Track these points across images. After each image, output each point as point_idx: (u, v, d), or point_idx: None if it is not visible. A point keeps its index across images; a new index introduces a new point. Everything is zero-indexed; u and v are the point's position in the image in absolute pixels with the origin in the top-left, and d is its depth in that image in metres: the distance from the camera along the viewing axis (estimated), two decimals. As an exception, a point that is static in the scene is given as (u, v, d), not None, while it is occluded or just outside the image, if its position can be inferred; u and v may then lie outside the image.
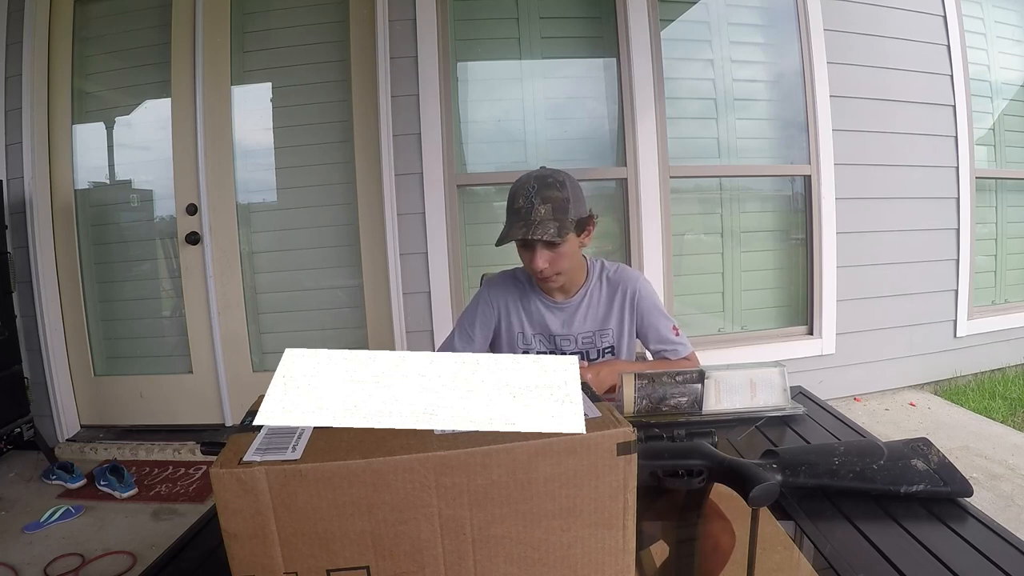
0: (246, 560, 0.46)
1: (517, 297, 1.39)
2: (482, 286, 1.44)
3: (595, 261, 1.40)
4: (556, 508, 0.48)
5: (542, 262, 1.23)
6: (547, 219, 1.19)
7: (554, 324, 1.36)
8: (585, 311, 1.36)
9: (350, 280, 2.70)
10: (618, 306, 1.36)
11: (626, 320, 1.36)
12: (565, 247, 1.24)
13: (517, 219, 1.21)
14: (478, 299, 1.42)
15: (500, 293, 1.40)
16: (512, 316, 1.39)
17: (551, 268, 1.25)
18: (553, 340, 1.37)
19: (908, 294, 2.98)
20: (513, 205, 1.23)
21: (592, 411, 0.51)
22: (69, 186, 2.68)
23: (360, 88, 2.59)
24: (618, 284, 1.36)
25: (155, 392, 2.73)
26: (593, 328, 1.36)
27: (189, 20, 2.57)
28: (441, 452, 0.46)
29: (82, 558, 1.82)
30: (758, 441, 0.97)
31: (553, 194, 1.21)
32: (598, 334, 1.36)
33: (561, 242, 1.22)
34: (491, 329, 1.40)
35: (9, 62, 2.54)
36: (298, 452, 0.46)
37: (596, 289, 1.37)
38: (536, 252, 1.23)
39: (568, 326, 1.36)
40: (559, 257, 1.25)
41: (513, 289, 1.40)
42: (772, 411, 1.04)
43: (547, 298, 1.37)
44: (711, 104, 2.82)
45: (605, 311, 1.36)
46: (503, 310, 1.39)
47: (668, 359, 1.36)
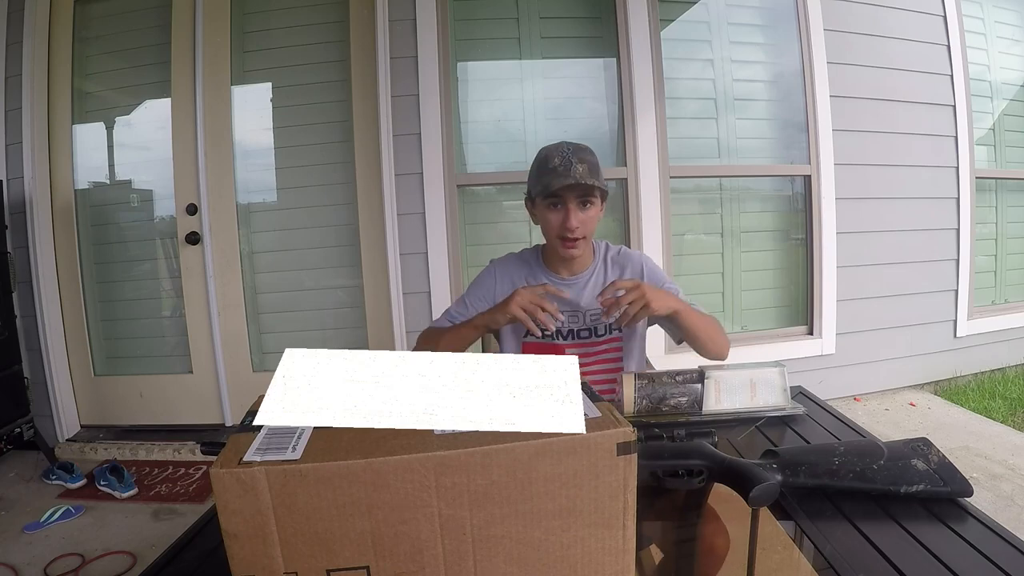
0: (246, 560, 0.46)
1: (524, 275, 1.39)
2: (489, 264, 1.44)
3: (599, 243, 1.42)
4: (556, 508, 0.48)
5: (576, 220, 1.24)
6: (586, 176, 1.20)
7: (561, 299, 1.34)
8: (593, 288, 1.36)
9: (350, 280, 2.70)
10: None
11: None
12: (594, 211, 1.27)
13: (555, 175, 1.21)
14: (483, 276, 1.42)
15: (507, 271, 1.40)
16: None
17: (582, 229, 1.26)
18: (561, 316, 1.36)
19: (908, 294, 2.98)
20: (548, 165, 1.24)
21: (592, 411, 0.51)
22: (69, 186, 2.68)
23: (360, 88, 2.59)
24: (625, 263, 1.38)
25: (155, 392, 2.74)
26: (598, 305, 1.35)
27: (189, 20, 2.57)
28: (441, 452, 0.46)
29: (82, 558, 1.82)
30: (758, 441, 0.97)
31: (588, 157, 1.24)
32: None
33: (597, 202, 1.26)
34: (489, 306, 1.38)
35: (9, 62, 2.54)
36: (298, 452, 0.46)
37: (602, 268, 1.38)
38: (571, 210, 1.24)
39: (576, 302, 1.36)
40: (589, 220, 1.27)
41: (521, 267, 1.41)
42: (772, 411, 1.04)
43: (555, 275, 1.37)
44: (711, 104, 2.82)
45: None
46: (509, 287, 1.37)
47: None
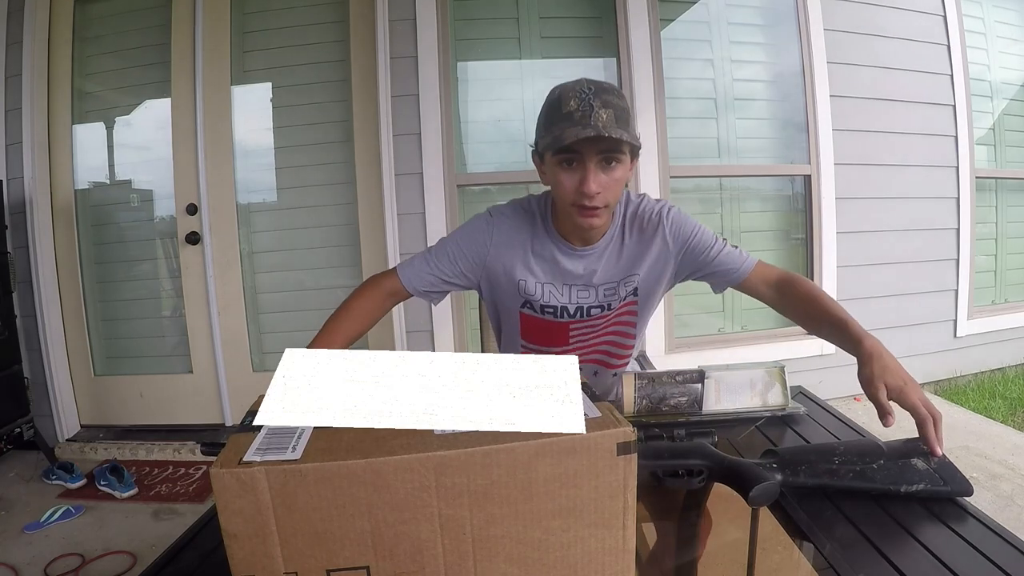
0: (246, 560, 0.46)
1: (527, 238, 1.12)
2: (485, 214, 1.14)
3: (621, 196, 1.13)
4: (556, 508, 0.48)
5: (596, 184, 0.96)
6: (611, 126, 0.93)
7: (570, 273, 1.13)
8: (608, 260, 1.12)
9: (350, 280, 2.70)
10: (650, 250, 1.12)
11: (664, 268, 1.14)
12: (621, 171, 0.99)
13: (570, 123, 0.94)
14: (476, 228, 1.13)
15: (507, 230, 1.12)
16: (517, 260, 1.12)
17: (605, 195, 0.99)
18: (568, 291, 1.14)
19: (908, 294, 2.98)
20: (562, 109, 0.96)
21: (592, 411, 0.51)
22: (69, 186, 2.68)
23: (360, 88, 2.59)
24: (647, 223, 1.11)
25: (155, 392, 2.74)
26: (616, 277, 1.14)
27: (189, 20, 2.57)
28: (441, 452, 0.46)
29: (82, 558, 1.82)
30: (758, 441, 0.97)
31: (614, 100, 0.96)
32: (622, 283, 1.14)
33: (625, 160, 0.99)
34: (478, 270, 1.14)
35: (9, 62, 2.54)
36: (298, 452, 0.46)
37: (621, 233, 1.12)
38: (590, 171, 0.96)
39: (588, 276, 1.13)
40: (614, 183, 0.99)
41: (524, 226, 1.13)
42: (772, 411, 1.04)
43: (565, 243, 1.11)
44: (711, 104, 2.82)
45: (631, 256, 1.13)
46: (506, 248, 1.12)
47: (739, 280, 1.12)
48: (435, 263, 1.11)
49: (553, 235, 1.12)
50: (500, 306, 1.20)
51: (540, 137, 1.02)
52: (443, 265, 1.11)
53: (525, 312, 1.16)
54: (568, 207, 1.02)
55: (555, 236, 1.12)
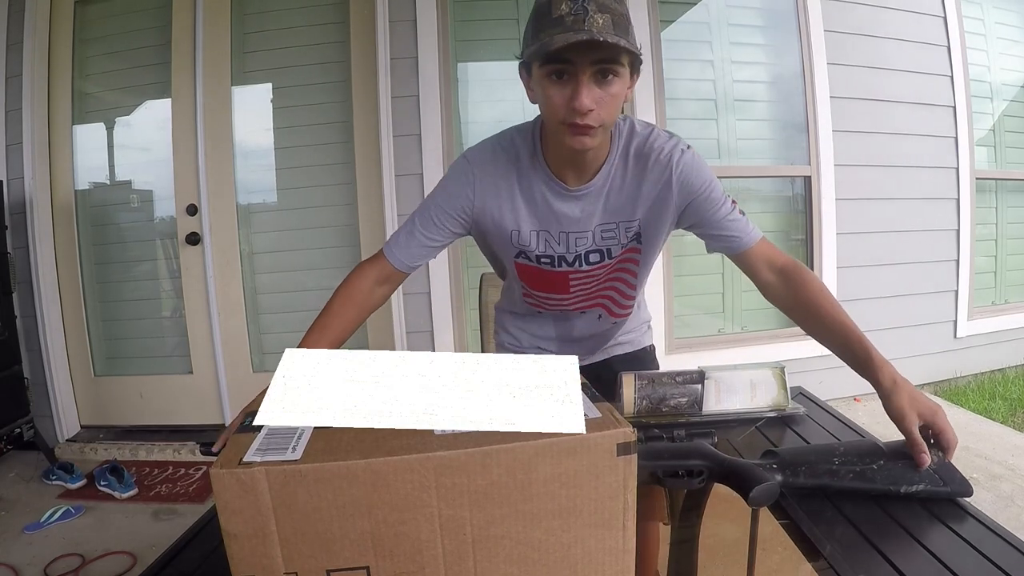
0: (246, 560, 0.46)
1: (514, 180, 1.01)
2: (463, 161, 1.03)
3: (621, 123, 1.01)
4: (556, 508, 0.48)
5: (589, 98, 0.84)
6: (608, 30, 0.81)
7: (565, 216, 1.02)
8: (606, 199, 1.01)
9: (350, 280, 2.69)
10: (653, 193, 1.00)
11: (664, 213, 1.02)
12: (619, 86, 0.86)
13: (559, 28, 0.81)
14: (456, 180, 1.03)
15: (490, 176, 1.01)
16: (505, 209, 1.02)
17: (598, 113, 0.86)
18: (564, 238, 1.03)
19: (908, 294, 2.98)
20: (552, 13, 0.82)
21: (592, 411, 0.51)
22: (69, 186, 2.68)
23: (360, 89, 2.59)
24: (652, 163, 0.99)
25: (155, 392, 2.74)
26: (617, 219, 1.02)
27: (189, 20, 2.57)
28: (441, 452, 0.46)
29: (82, 558, 1.82)
30: (758, 441, 0.97)
31: (612, 4, 0.83)
32: (622, 226, 1.03)
33: (624, 73, 0.86)
34: (467, 224, 1.05)
35: (9, 62, 2.54)
36: (298, 452, 0.46)
37: (621, 167, 1.00)
38: (582, 83, 0.83)
39: (584, 218, 1.02)
40: (610, 99, 0.86)
41: (509, 167, 1.01)
42: (772, 411, 1.04)
43: (557, 183, 0.99)
44: (711, 105, 2.82)
45: (632, 196, 1.01)
46: (492, 198, 1.01)
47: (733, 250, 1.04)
48: (421, 233, 1.03)
49: (543, 173, 1.00)
50: (495, 254, 1.13)
51: (527, 46, 0.88)
52: (431, 232, 1.03)
53: (520, 262, 1.08)
54: (557, 125, 0.89)
55: (546, 174, 1.00)
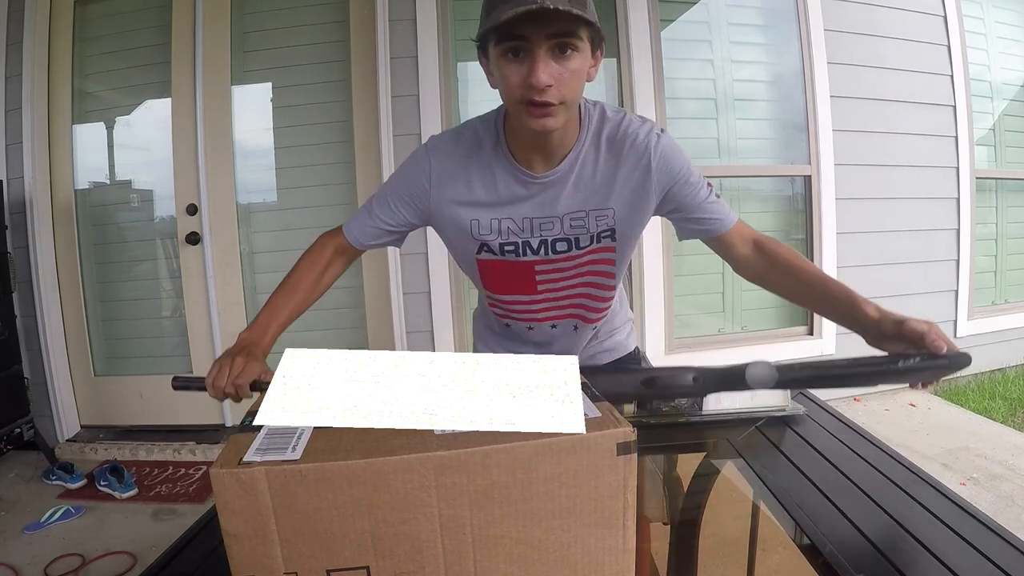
0: (246, 560, 0.46)
1: (474, 169, 0.96)
2: (421, 148, 1.00)
3: (592, 107, 0.96)
4: (556, 508, 0.48)
5: (546, 75, 0.79)
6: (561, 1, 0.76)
7: (529, 204, 0.97)
8: (575, 184, 0.95)
9: (350, 280, 2.69)
10: (626, 181, 0.95)
11: (642, 201, 0.97)
12: (578, 60, 0.82)
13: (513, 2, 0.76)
14: (413, 166, 0.99)
15: (449, 167, 0.97)
16: (462, 195, 0.97)
17: (557, 90, 0.81)
18: (528, 224, 0.97)
19: (908, 294, 2.98)
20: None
21: (592, 411, 0.51)
22: (69, 186, 2.68)
23: (360, 88, 2.59)
24: (628, 149, 0.94)
25: (155, 392, 2.73)
26: (586, 206, 0.96)
27: (189, 20, 2.57)
28: (441, 452, 0.46)
29: (82, 558, 1.82)
30: (758, 441, 0.97)
31: None
32: (592, 214, 0.97)
33: (583, 47, 0.82)
34: (423, 214, 1.00)
35: (9, 62, 2.54)
36: (298, 452, 0.46)
37: (592, 153, 0.95)
38: (538, 57, 0.79)
39: (551, 205, 0.96)
40: (570, 75, 0.81)
41: (472, 158, 0.97)
42: (772, 411, 1.04)
43: (523, 171, 0.95)
44: (711, 104, 2.82)
45: (605, 185, 0.96)
46: (448, 187, 0.97)
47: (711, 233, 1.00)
48: (377, 214, 1.00)
49: (507, 161, 0.95)
50: (456, 252, 1.06)
51: (481, 24, 0.83)
52: (385, 215, 1.00)
53: (483, 258, 1.02)
54: (516, 106, 0.85)
55: (510, 162, 0.95)
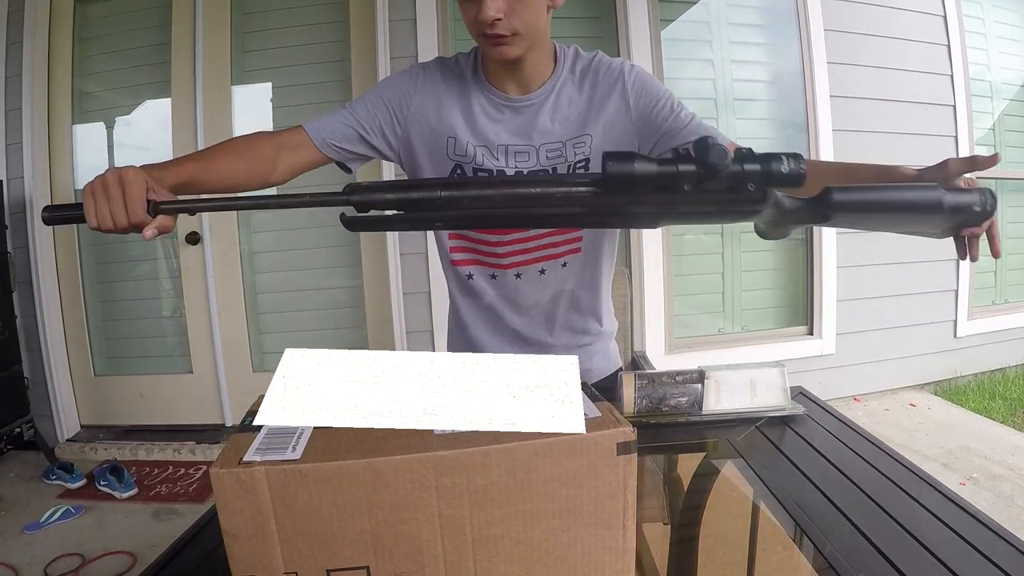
0: (246, 560, 0.46)
1: (456, 92, 0.96)
2: (410, 65, 1.00)
3: (566, 48, 0.98)
4: (556, 508, 0.48)
5: (493, 9, 0.81)
6: None
7: (504, 129, 0.95)
8: (552, 112, 0.94)
9: (350, 280, 2.70)
10: (602, 107, 0.95)
11: (619, 126, 0.95)
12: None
13: None
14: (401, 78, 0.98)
15: (434, 85, 0.96)
16: (444, 114, 0.95)
17: (507, 21, 0.83)
18: (504, 152, 0.95)
19: (908, 294, 2.98)
20: None
21: (592, 411, 0.51)
22: (69, 186, 2.68)
23: (360, 88, 2.59)
24: (603, 75, 0.95)
25: (155, 392, 2.74)
26: (563, 136, 0.95)
27: (189, 20, 2.57)
28: (441, 452, 0.46)
29: (82, 558, 1.82)
30: (758, 441, 0.97)
31: None
32: (570, 144, 0.95)
33: None
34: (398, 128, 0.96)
35: (9, 62, 2.54)
36: (298, 452, 0.46)
37: (569, 83, 0.95)
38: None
39: (526, 133, 0.94)
40: (522, 6, 0.83)
41: (453, 81, 0.96)
42: (772, 411, 1.04)
43: (496, 92, 0.94)
44: (711, 104, 2.82)
45: (582, 113, 0.95)
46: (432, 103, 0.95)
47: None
48: (349, 113, 0.95)
49: (484, 86, 0.95)
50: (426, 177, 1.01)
51: None
52: (360, 114, 0.95)
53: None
54: (478, 40, 0.88)
55: (486, 87, 0.95)
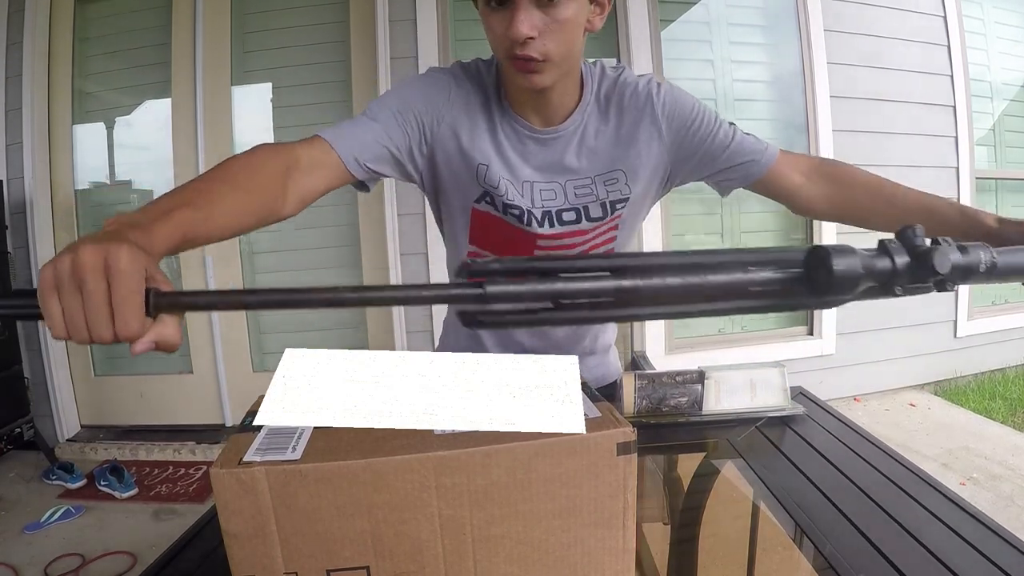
0: (246, 560, 0.46)
1: (484, 112, 0.82)
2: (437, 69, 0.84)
3: (592, 67, 0.85)
4: (556, 508, 0.48)
5: (527, 25, 0.68)
6: None
7: (528, 164, 0.83)
8: (578, 147, 0.83)
9: (351, 280, 2.69)
10: (632, 136, 0.83)
11: (651, 155, 0.84)
12: (569, 10, 0.70)
13: None
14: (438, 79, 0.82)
15: (465, 90, 0.82)
16: (476, 133, 0.82)
17: (541, 43, 0.70)
18: (529, 189, 0.84)
19: (908, 294, 2.98)
20: None
21: (592, 411, 0.51)
22: (69, 186, 2.68)
23: (360, 89, 2.59)
24: (629, 100, 0.83)
25: (155, 392, 2.73)
26: (591, 172, 0.84)
27: (189, 20, 2.57)
28: (441, 452, 0.46)
29: (82, 558, 1.82)
30: (758, 441, 0.97)
31: None
32: (599, 180, 0.84)
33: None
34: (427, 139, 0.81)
35: (9, 62, 2.54)
36: (298, 452, 0.47)
37: (595, 113, 0.83)
38: (519, 8, 0.68)
39: (551, 169, 0.84)
40: (557, 27, 0.70)
41: (480, 96, 0.83)
42: (772, 411, 1.04)
43: (519, 121, 0.82)
44: (711, 105, 2.79)
45: (610, 146, 0.84)
46: (464, 118, 0.81)
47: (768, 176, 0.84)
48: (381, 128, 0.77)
49: (507, 111, 0.82)
50: (447, 196, 0.88)
51: None
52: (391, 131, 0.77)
53: (482, 208, 0.86)
54: (503, 61, 0.75)
55: (509, 113, 0.82)
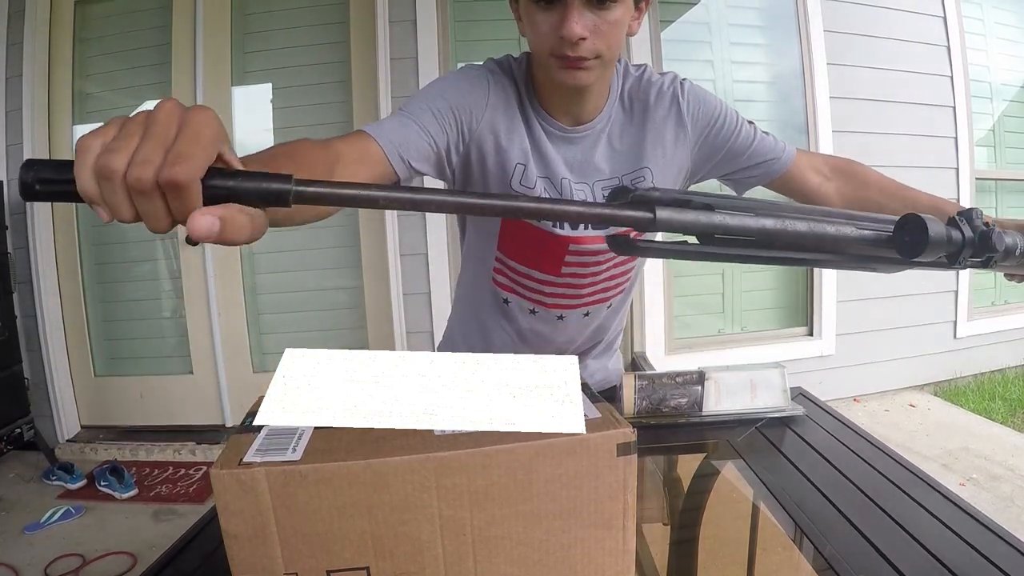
0: (246, 561, 0.46)
1: (519, 109, 0.83)
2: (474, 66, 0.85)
3: (617, 65, 0.85)
4: (556, 509, 0.48)
5: (580, 25, 0.69)
6: None
7: (563, 163, 0.84)
8: (606, 146, 0.84)
9: (350, 281, 2.70)
10: (659, 136, 0.84)
11: (677, 154, 0.85)
12: (620, 11, 0.71)
13: None
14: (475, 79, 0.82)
15: (503, 90, 0.82)
16: (514, 132, 0.82)
17: (591, 43, 0.71)
18: (563, 186, 0.84)
19: (908, 295, 2.98)
20: None
21: (592, 412, 0.51)
22: (69, 187, 2.68)
23: (360, 89, 2.59)
24: (655, 99, 0.83)
25: (155, 393, 2.73)
26: (619, 172, 0.85)
27: (189, 21, 2.57)
28: (441, 453, 0.46)
29: (82, 559, 1.82)
30: (758, 442, 0.97)
31: None
32: (627, 179, 0.86)
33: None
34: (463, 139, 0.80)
35: (9, 63, 2.54)
36: (298, 453, 0.47)
37: (620, 111, 0.84)
38: (572, 9, 0.68)
39: (580, 168, 0.84)
40: (609, 28, 0.71)
41: (514, 93, 0.83)
42: (772, 412, 1.04)
43: (549, 119, 0.83)
44: (711, 105, 2.82)
45: (637, 144, 0.85)
46: (502, 119, 0.81)
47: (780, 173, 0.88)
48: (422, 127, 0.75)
49: (537, 108, 0.83)
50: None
51: None
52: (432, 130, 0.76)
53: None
54: (547, 59, 0.75)
55: (539, 110, 0.83)
